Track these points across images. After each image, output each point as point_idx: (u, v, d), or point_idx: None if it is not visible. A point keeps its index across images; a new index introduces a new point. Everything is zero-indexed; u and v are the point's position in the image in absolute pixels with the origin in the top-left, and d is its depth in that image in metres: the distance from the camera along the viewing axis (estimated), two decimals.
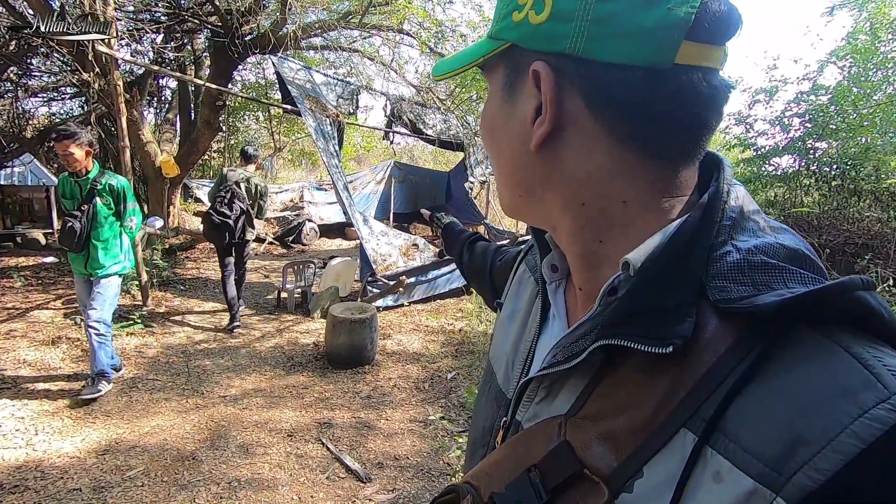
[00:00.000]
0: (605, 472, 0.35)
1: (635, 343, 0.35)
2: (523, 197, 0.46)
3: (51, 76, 7.24)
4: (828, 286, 0.31)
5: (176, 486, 2.51)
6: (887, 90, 7.01)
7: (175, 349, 4.26)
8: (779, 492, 0.28)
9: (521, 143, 0.43)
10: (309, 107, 6.00)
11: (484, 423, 0.55)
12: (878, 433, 0.27)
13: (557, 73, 0.39)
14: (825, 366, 0.30)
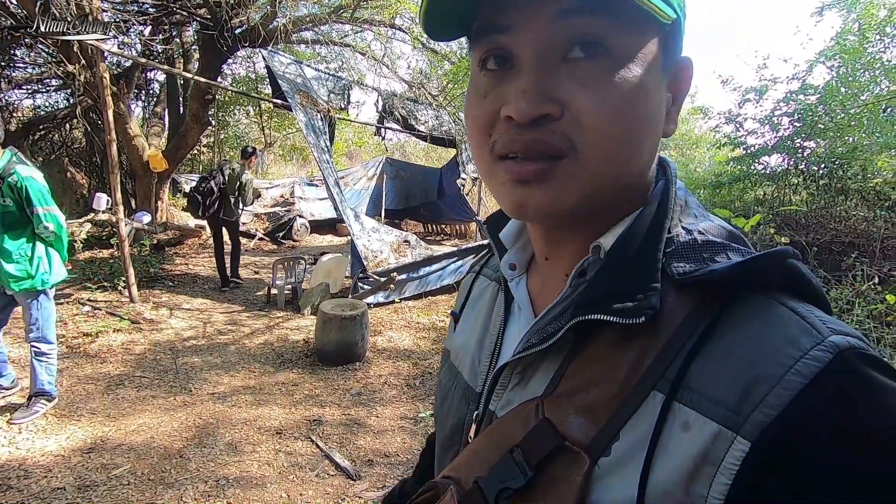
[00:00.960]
0: (585, 441, 0.38)
1: (612, 316, 0.39)
2: (628, 186, 0.43)
3: (35, 68, 7.10)
4: (767, 253, 0.36)
5: (163, 484, 2.48)
6: (874, 91, 7.09)
7: (163, 346, 4.21)
8: (738, 431, 0.32)
9: (661, 126, 0.43)
10: (300, 101, 5.94)
11: (452, 422, 0.55)
12: (816, 370, 0.32)
13: None
14: (769, 320, 0.35)
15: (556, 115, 0.38)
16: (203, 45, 6.50)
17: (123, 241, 4.96)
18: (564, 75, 0.38)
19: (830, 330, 0.34)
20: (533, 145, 0.39)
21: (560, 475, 0.38)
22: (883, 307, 3.33)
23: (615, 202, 0.44)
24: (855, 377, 0.32)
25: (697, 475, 0.33)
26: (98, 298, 5.09)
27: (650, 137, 0.42)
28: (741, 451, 0.32)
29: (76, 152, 9.14)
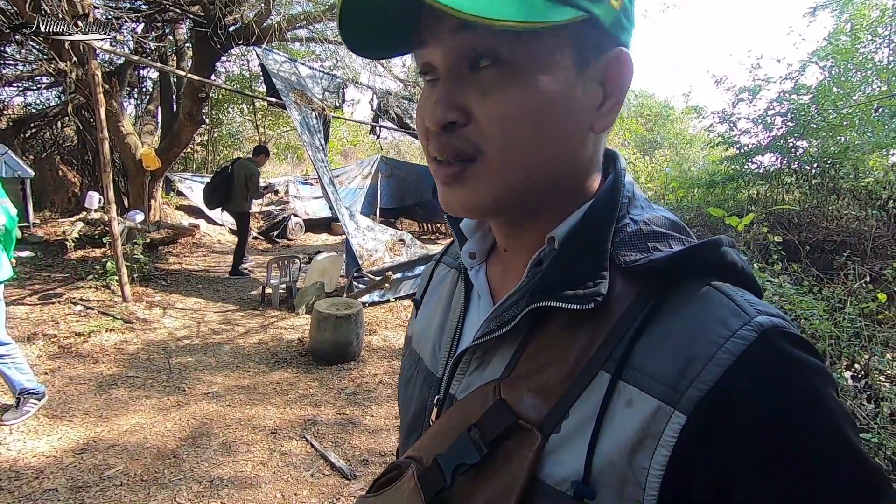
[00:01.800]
0: (538, 419, 0.40)
1: (563, 303, 0.41)
2: (545, 182, 0.44)
3: (26, 65, 7.03)
4: (702, 242, 0.41)
5: (156, 485, 2.47)
6: (866, 91, 7.15)
7: (156, 346, 4.19)
8: (676, 406, 0.35)
9: (584, 126, 0.44)
10: (294, 100, 5.92)
11: (415, 407, 0.57)
12: (743, 347, 0.35)
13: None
14: (703, 303, 0.39)
15: (462, 122, 0.42)
16: (196, 43, 6.45)
17: (116, 240, 4.92)
18: (470, 85, 0.41)
19: (757, 311, 0.37)
20: (445, 149, 0.43)
21: (513, 451, 0.40)
22: (874, 306, 3.36)
23: (550, 197, 0.46)
24: (776, 353, 0.35)
25: (640, 448, 0.36)
26: (90, 298, 5.05)
27: (563, 136, 0.43)
28: (678, 425, 0.35)
29: (68, 150, 9.05)
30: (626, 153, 13.30)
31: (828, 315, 3.20)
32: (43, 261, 6.16)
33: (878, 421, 2.43)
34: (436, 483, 0.44)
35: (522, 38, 0.39)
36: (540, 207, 0.46)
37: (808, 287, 3.67)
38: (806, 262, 4.51)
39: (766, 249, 4.66)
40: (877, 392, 2.67)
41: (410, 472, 0.46)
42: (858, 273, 4.10)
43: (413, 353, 0.62)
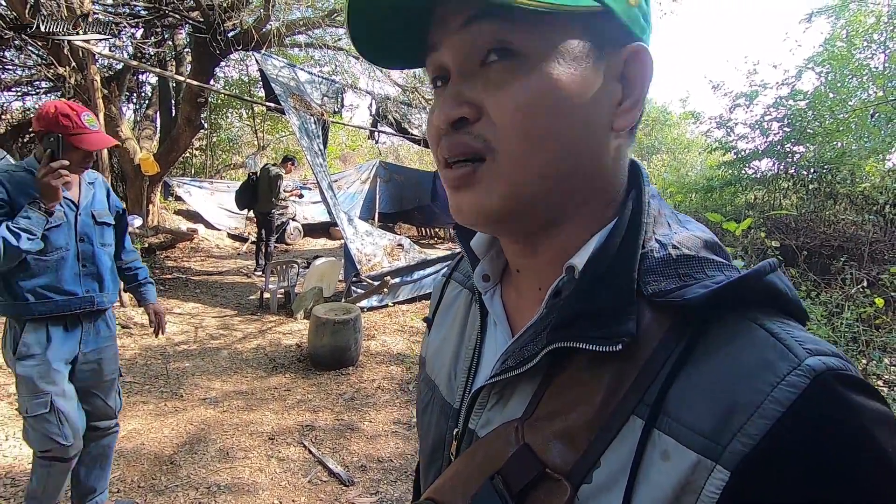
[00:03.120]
0: (566, 468, 0.37)
1: (586, 344, 0.37)
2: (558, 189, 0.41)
3: (25, 70, 7.04)
4: (746, 276, 0.35)
5: (153, 491, 2.45)
6: (862, 96, 7.20)
7: (154, 351, 4.17)
8: (718, 460, 0.32)
9: (603, 123, 0.41)
10: (293, 105, 5.93)
11: (434, 437, 0.54)
12: (793, 396, 0.31)
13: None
14: (746, 343, 0.34)
15: (472, 118, 0.40)
16: (195, 48, 6.47)
17: None
18: (480, 79, 0.39)
19: (807, 352, 0.33)
20: (454, 148, 0.40)
21: (542, 502, 0.37)
22: (871, 310, 3.37)
23: (568, 207, 0.42)
24: (832, 402, 0.31)
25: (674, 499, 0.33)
26: None
27: (582, 133, 0.40)
28: (721, 481, 0.32)
29: None
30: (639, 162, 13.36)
31: (826, 320, 3.20)
32: None
33: None
34: None
35: (536, 28, 0.38)
36: (557, 220, 0.43)
37: (805, 292, 3.68)
38: (803, 267, 4.52)
39: (763, 254, 4.67)
40: None
41: None
42: (856, 278, 4.11)
43: (428, 378, 0.59)
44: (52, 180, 1.71)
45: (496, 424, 0.44)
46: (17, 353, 1.84)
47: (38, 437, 1.87)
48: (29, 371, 1.84)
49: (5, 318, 1.90)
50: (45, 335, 1.87)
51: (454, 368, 0.54)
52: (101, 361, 2.03)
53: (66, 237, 1.88)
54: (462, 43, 0.39)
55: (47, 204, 1.76)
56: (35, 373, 1.84)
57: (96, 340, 2.01)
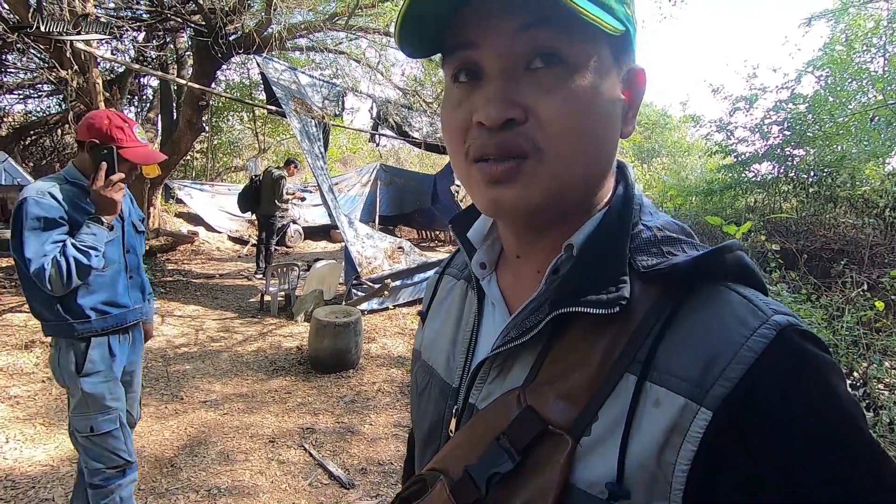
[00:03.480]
0: (567, 423, 0.41)
1: (588, 308, 0.42)
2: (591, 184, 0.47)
3: (27, 73, 7.06)
4: (720, 246, 0.42)
5: (153, 494, 2.45)
6: (862, 100, 7.21)
7: (154, 353, 4.17)
8: (702, 402, 0.37)
9: (618, 127, 0.46)
10: (294, 108, 5.94)
11: (431, 419, 0.57)
12: (764, 345, 0.37)
13: None
14: (723, 304, 0.40)
15: (521, 119, 0.42)
16: (197, 52, 6.49)
17: None
18: (527, 83, 0.42)
19: (773, 310, 0.39)
20: (502, 147, 0.42)
21: (545, 457, 0.41)
22: (872, 314, 3.37)
23: (580, 201, 0.47)
24: (794, 350, 0.38)
25: (668, 446, 0.38)
26: None
27: (608, 137, 0.45)
28: (704, 421, 0.37)
29: (68, 158, 9.07)
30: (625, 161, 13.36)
31: (826, 323, 3.20)
32: None
33: (877, 430, 2.43)
34: (469, 494, 0.44)
35: (580, 39, 0.41)
36: (568, 211, 0.47)
37: (806, 295, 3.68)
38: (804, 271, 4.53)
39: (763, 258, 4.67)
40: (875, 401, 2.67)
41: (440, 486, 0.46)
42: (856, 281, 4.11)
43: (425, 365, 0.62)
44: (112, 193, 1.68)
45: (497, 396, 0.47)
46: (84, 371, 1.77)
47: (100, 455, 1.81)
48: (99, 388, 1.78)
49: (53, 339, 1.82)
50: (107, 350, 1.83)
51: (452, 351, 0.57)
52: (134, 373, 2.01)
53: (117, 250, 1.85)
54: (512, 47, 0.42)
55: (108, 218, 1.72)
56: (105, 389, 1.80)
57: (134, 351, 1.99)
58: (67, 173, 1.78)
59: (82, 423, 1.79)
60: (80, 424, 1.79)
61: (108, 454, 1.81)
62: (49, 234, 1.64)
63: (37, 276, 1.60)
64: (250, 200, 7.10)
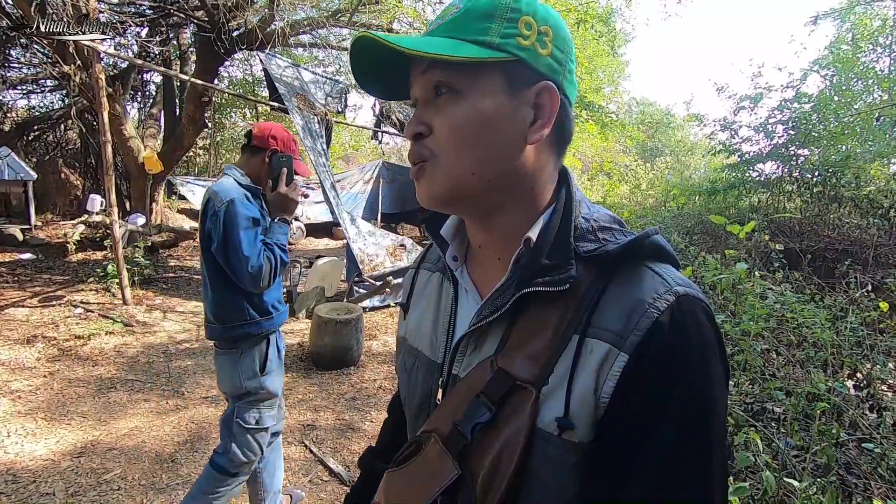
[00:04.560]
0: (531, 378, 0.52)
1: (546, 287, 0.54)
2: (491, 181, 0.57)
3: (31, 68, 7.06)
4: (641, 234, 0.54)
5: (153, 489, 2.45)
6: (867, 100, 7.16)
7: (156, 349, 4.18)
8: (621, 348, 0.49)
9: (518, 137, 0.56)
10: (297, 104, 5.93)
11: (420, 393, 0.68)
12: (666, 305, 0.50)
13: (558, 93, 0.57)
14: (640, 276, 0.53)
15: (425, 134, 0.57)
16: (200, 48, 6.49)
17: (117, 243, 4.92)
18: (433, 107, 0.57)
19: (675, 282, 0.52)
20: (413, 154, 0.59)
21: (516, 406, 0.52)
22: (876, 314, 3.35)
23: (505, 198, 0.58)
24: (686, 311, 0.50)
25: (598, 384, 0.50)
26: (91, 300, 5.04)
27: (499, 143, 0.56)
28: (622, 362, 0.49)
29: (71, 153, 9.08)
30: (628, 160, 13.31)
31: (830, 324, 3.18)
32: (44, 263, 6.17)
33: (881, 431, 2.41)
34: (458, 443, 0.54)
35: (467, 73, 0.54)
36: (500, 206, 0.59)
37: (810, 295, 3.66)
38: (807, 271, 4.50)
39: (767, 257, 4.65)
40: (879, 402, 2.65)
41: (433, 441, 0.56)
42: (860, 282, 4.09)
43: (411, 348, 0.72)
44: (296, 196, 1.85)
45: (475, 365, 0.58)
46: (266, 369, 1.84)
47: (252, 448, 1.87)
48: (276, 384, 1.88)
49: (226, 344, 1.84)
50: (275, 346, 1.91)
51: (434, 333, 0.68)
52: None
53: None
54: (422, 82, 0.57)
55: (289, 219, 1.87)
56: (279, 385, 1.90)
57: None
58: (236, 178, 1.85)
59: (251, 415, 1.86)
60: (249, 416, 1.86)
61: (257, 448, 1.88)
62: (256, 232, 1.76)
63: (255, 273, 1.71)
64: None
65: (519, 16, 0.55)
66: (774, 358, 3.11)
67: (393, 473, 0.60)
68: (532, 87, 0.56)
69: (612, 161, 10.95)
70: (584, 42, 7.71)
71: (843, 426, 2.40)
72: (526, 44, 0.55)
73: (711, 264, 3.82)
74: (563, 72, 0.58)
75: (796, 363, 2.97)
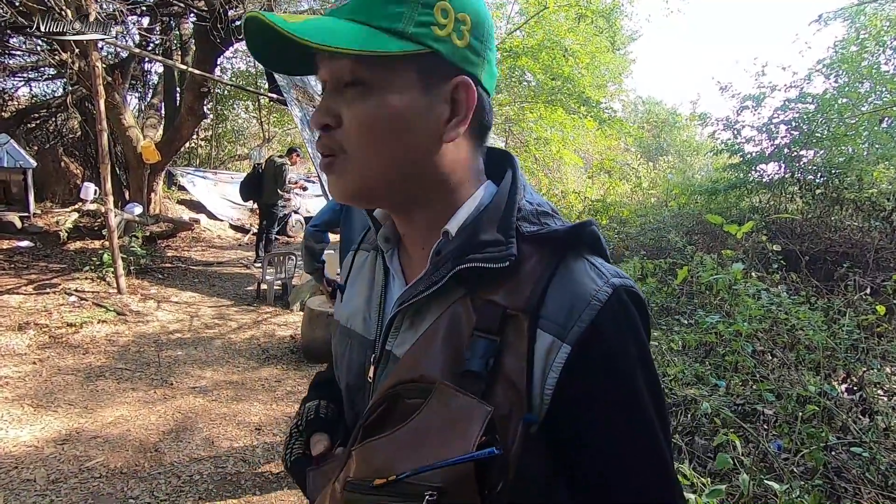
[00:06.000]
0: (523, 305, 0.52)
1: (484, 263, 0.52)
2: (406, 179, 0.56)
3: (30, 55, 7.06)
4: (583, 222, 0.55)
5: (135, 478, 2.44)
6: (873, 101, 7.07)
7: (147, 338, 4.17)
8: (564, 339, 0.50)
9: (433, 135, 0.54)
10: (296, 96, 5.90)
11: (354, 370, 0.66)
12: (605, 297, 0.51)
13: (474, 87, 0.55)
14: (581, 270, 0.53)
15: (334, 125, 0.54)
16: (199, 38, 6.46)
17: (112, 232, 4.91)
18: (342, 98, 0.53)
19: (611, 274, 0.53)
20: (322, 146, 0.56)
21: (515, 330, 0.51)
22: (873, 318, 3.30)
23: (422, 191, 0.57)
24: (623, 302, 0.52)
25: (543, 376, 0.50)
26: (85, 289, 5.04)
27: (412, 140, 0.54)
28: (565, 353, 0.49)
29: (71, 142, 9.08)
30: (630, 158, 13.23)
31: (825, 326, 3.14)
32: (41, 251, 6.17)
33: (871, 435, 2.37)
34: (476, 382, 0.50)
35: (377, 65, 0.51)
36: (416, 199, 0.58)
37: (805, 297, 3.61)
38: (806, 273, 4.45)
39: (765, 258, 4.60)
40: (871, 406, 2.61)
41: (442, 387, 0.49)
42: (859, 285, 4.03)
43: (345, 329, 0.70)
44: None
45: (409, 343, 0.56)
46: None
47: None
48: None
49: None
50: None
51: (367, 310, 0.67)
52: None
53: None
54: (329, 70, 0.54)
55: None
56: None
57: None
58: None
59: None
60: None
61: None
62: None
63: None
64: (253, 189, 7.03)
65: (435, 0, 0.51)
66: (768, 360, 3.07)
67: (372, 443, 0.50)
68: (448, 81, 0.53)
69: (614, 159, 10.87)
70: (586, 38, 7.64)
71: (834, 430, 2.37)
72: (442, 34, 0.52)
73: (708, 264, 3.78)
74: (481, 63, 0.56)
75: (789, 365, 2.94)
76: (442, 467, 0.44)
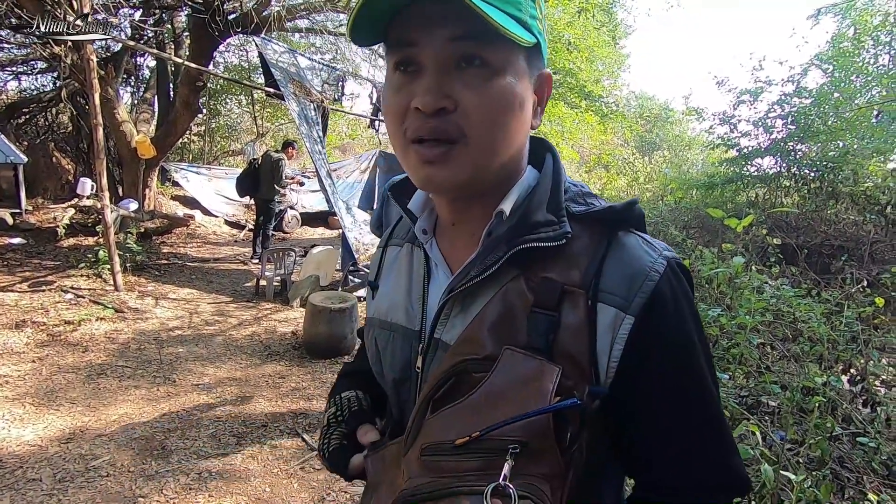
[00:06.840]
0: (579, 282, 0.55)
1: (541, 242, 0.55)
2: (505, 165, 0.57)
3: (21, 49, 6.93)
4: (631, 200, 0.58)
5: (143, 476, 2.42)
6: (867, 96, 7.14)
7: (147, 335, 4.13)
8: (626, 311, 0.52)
9: (528, 124, 0.57)
10: (293, 91, 5.85)
11: (401, 364, 0.66)
12: (662, 269, 0.54)
13: None
14: (636, 244, 0.56)
15: (451, 109, 0.51)
16: (194, 31, 6.37)
17: (109, 228, 4.85)
18: (456, 79, 0.51)
19: (662, 248, 0.56)
20: (434, 131, 0.51)
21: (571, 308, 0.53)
22: (871, 310, 3.34)
23: (499, 177, 0.58)
24: (675, 274, 0.55)
25: (611, 348, 0.52)
26: (81, 286, 4.98)
27: (519, 128, 0.55)
28: (629, 324, 0.52)
29: (62, 137, 8.93)
30: (626, 153, 13.27)
31: (825, 318, 3.18)
32: (34, 248, 6.08)
33: (875, 425, 2.41)
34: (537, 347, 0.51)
35: (501, 48, 0.51)
36: (494, 186, 0.58)
37: (806, 290, 3.65)
38: (803, 266, 4.49)
39: (764, 251, 4.64)
40: (873, 397, 2.65)
41: (510, 353, 0.50)
42: (856, 277, 4.08)
43: (384, 323, 0.69)
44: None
45: (460, 329, 0.57)
46: None
47: None
48: None
49: None
50: None
51: (409, 302, 0.66)
52: None
53: None
54: (445, 51, 0.51)
55: None
56: None
57: None
58: None
59: None
60: None
61: None
62: None
63: None
64: (249, 184, 6.92)
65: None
66: (770, 352, 3.11)
67: (447, 410, 0.49)
68: (539, 73, 0.57)
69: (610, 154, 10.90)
70: (585, 32, 7.63)
71: (837, 420, 2.40)
72: (541, 28, 0.55)
73: (708, 258, 3.80)
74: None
75: (791, 357, 2.97)
76: (525, 419, 0.46)
